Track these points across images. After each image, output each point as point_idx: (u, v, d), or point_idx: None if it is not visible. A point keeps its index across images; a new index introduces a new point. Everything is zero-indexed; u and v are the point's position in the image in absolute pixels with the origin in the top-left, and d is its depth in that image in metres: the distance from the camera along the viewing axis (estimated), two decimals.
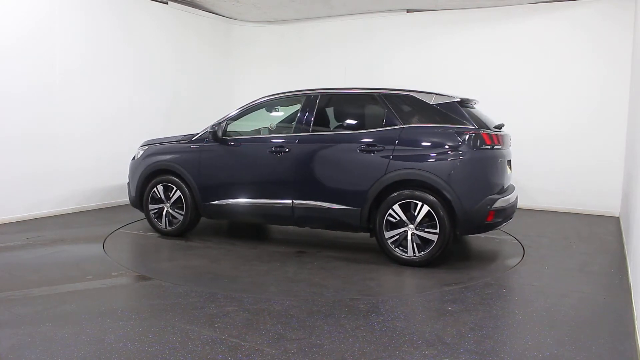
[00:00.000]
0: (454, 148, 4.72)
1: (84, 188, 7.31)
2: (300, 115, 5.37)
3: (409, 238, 4.79)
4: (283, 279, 4.44)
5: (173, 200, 5.81)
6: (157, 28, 8.33)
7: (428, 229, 4.73)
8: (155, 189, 5.89)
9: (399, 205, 4.79)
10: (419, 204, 4.73)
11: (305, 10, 8.96)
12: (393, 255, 4.87)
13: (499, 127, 5.11)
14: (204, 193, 5.65)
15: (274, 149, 5.33)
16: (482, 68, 8.23)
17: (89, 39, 7.20)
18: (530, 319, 3.61)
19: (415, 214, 4.75)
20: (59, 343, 3.06)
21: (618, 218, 7.31)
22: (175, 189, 5.79)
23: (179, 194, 5.77)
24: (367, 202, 4.92)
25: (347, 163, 5.04)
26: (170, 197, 5.82)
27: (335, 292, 4.10)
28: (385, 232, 4.87)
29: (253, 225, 6.60)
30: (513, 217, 5.19)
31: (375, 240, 5.01)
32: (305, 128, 5.30)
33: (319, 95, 5.40)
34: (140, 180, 5.98)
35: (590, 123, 7.62)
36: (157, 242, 5.74)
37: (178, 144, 5.88)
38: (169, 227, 5.87)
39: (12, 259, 4.88)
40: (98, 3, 7.30)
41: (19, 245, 5.35)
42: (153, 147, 6.07)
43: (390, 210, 4.82)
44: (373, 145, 4.94)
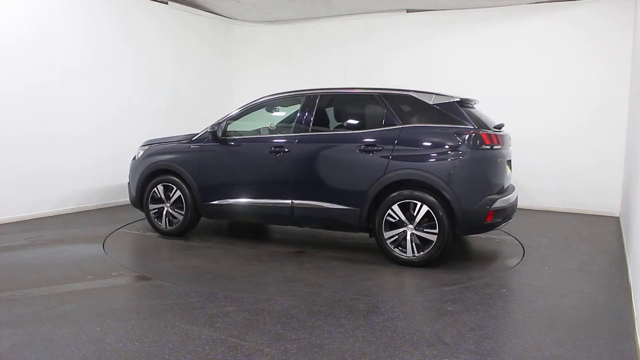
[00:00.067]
0: (454, 148, 4.72)
1: (84, 188, 7.32)
2: (300, 115, 5.37)
3: (408, 238, 4.78)
4: (282, 279, 4.44)
5: (173, 200, 5.82)
6: (157, 28, 8.33)
7: (427, 229, 4.73)
8: (156, 189, 5.90)
9: (398, 206, 4.79)
10: (418, 204, 4.73)
11: (305, 10, 8.96)
12: (392, 256, 4.87)
13: (499, 127, 5.10)
14: (204, 193, 5.65)
15: (274, 149, 5.33)
16: (482, 68, 8.23)
17: (89, 39, 7.21)
18: (530, 319, 3.61)
19: (415, 214, 4.75)
20: (59, 343, 3.06)
21: (618, 218, 7.31)
22: (175, 189, 5.80)
23: (179, 194, 5.78)
24: (366, 202, 4.92)
25: (346, 163, 5.05)
26: (171, 197, 5.83)
27: (334, 292, 4.10)
28: (385, 232, 4.87)
29: (253, 225, 6.60)
30: (513, 217, 5.18)
31: (375, 241, 5.01)
32: (305, 128, 5.30)
33: (319, 95, 5.40)
34: (141, 180, 5.99)
35: (590, 123, 7.62)
36: (157, 242, 5.74)
37: (178, 144, 5.89)
38: (169, 227, 5.88)
39: (12, 259, 4.88)
40: (98, 3, 7.31)
41: (19, 245, 5.35)
42: (153, 147, 6.07)
43: (390, 211, 4.82)
44: (372, 145, 4.94)
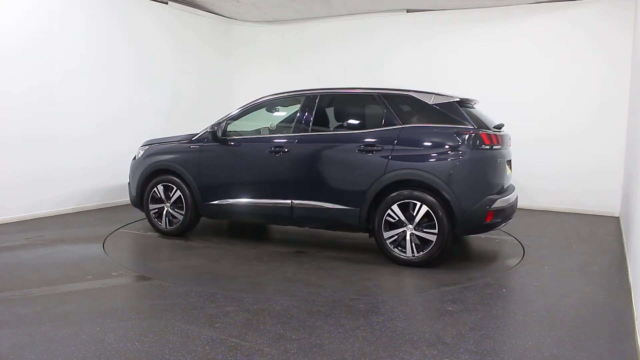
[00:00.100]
0: (453, 148, 4.72)
1: (84, 188, 7.32)
2: (300, 115, 5.37)
3: (408, 238, 4.78)
4: (282, 279, 4.44)
5: (173, 200, 5.82)
6: (157, 28, 8.33)
7: (427, 229, 4.72)
8: (156, 189, 5.90)
9: (398, 206, 4.79)
10: (418, 204, 4.73)
11: (305, 10, 8.96)
12: (392, 256, 4.86)
13: (499, 127, 5.10)
14: (204, 193, 5.65)
15: (273, 149, 5.33)
16: (482, 68, 8.23)
17: (89, 39, 7.21)
18: (530, 319, 3.61)
19: (414, 214, 4.75)
20: (59, 343, 3.06)
21: (618, 218, 7.31)
22: (176, 189, 5.80)
23: (179, 194, 5.78)
24: (366, 202, 4.92)
25: (346, 163, 5.04)
26: (171, 197, 5.83)
27: (334, 292, 4.10)
28: (384, 232, 4.87)
29: (253, 225, 6.60)
30: (513, 217, 5.18)
31: (374, 241, 5.01)
32: (305, 128, 5.29)
33: (319, 95, 5.39)
34: (141, 180, 5.99)
35: (590, 123, 7.62)
36: (157, 241, 5.75)
37: (178, 144, 5.89)
38: (169, 226, 5.88)
39: (12, 259, 4.88)
40: (98, 3, 7.31)
41: (19, 245, 5.35)
42: (153, 147, 6.08)
43: (389, 211, 4.82)
44: (372, 145, 4.94)
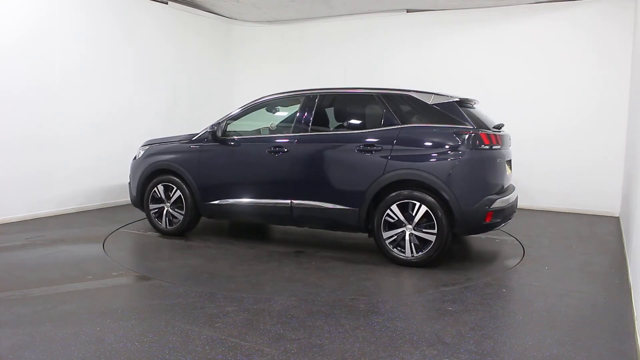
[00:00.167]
0: (453, 148, 4.72)
1: (85, 188, 7.32)
2: (299, 115, 5.37)
3: (407, 238, 4.78)
4: (281, 279, 4.44)
5: (173, 200, 5.82)
6: (157, 28, 8.33)
7: (426, 230, 4.72)
8: (156, 189, 5.90)
9: (397, 206, 4.79)
10: (417, 204, 4.72)
11: (305, 10, 8.96)
12: (391, 256, 4.86)
13: (499, 127, 5.10)
14: (204, 193, 5.66)
15: (273, 149, 5.33)
16: (482, 68, 8.22)
17: (89, 39, 7.21)
18: (530, 319, 3.61)
19: (413, 214, 4.74)
20: (59, 343, 3.07)
21: (618, 218, 7.31)
22: (176, 189, 5.80)
23: (179, 194, 5.78)
24: (365, 202, 4.92)
25: (345, 163, 5.04)
26: (171, 196, 5.83)
27: (333, 292, 4.10)
28: (383, 232, 4.86)
29: (252, 225, 6.60)
30: (513, 217, 5.18)
31: (374, 241, 5.01)
32: (304, 128, 5.29)
33: (318, 95, 5.39)
34: (141, 180, 6.00)
35: (590, 123, 7.62)
36: (157, 241, 5.75)
37: (178, 144, 5.89)
38: (169, 226, 5.88)
39: (12, 259, 4.89)
40: (98, 3, 7.31)
41: (19, 245, 5.35)
42: (154, 147, 6.08)
43: (389, 211, 4.81)
44: (371, 145, 4.94)
